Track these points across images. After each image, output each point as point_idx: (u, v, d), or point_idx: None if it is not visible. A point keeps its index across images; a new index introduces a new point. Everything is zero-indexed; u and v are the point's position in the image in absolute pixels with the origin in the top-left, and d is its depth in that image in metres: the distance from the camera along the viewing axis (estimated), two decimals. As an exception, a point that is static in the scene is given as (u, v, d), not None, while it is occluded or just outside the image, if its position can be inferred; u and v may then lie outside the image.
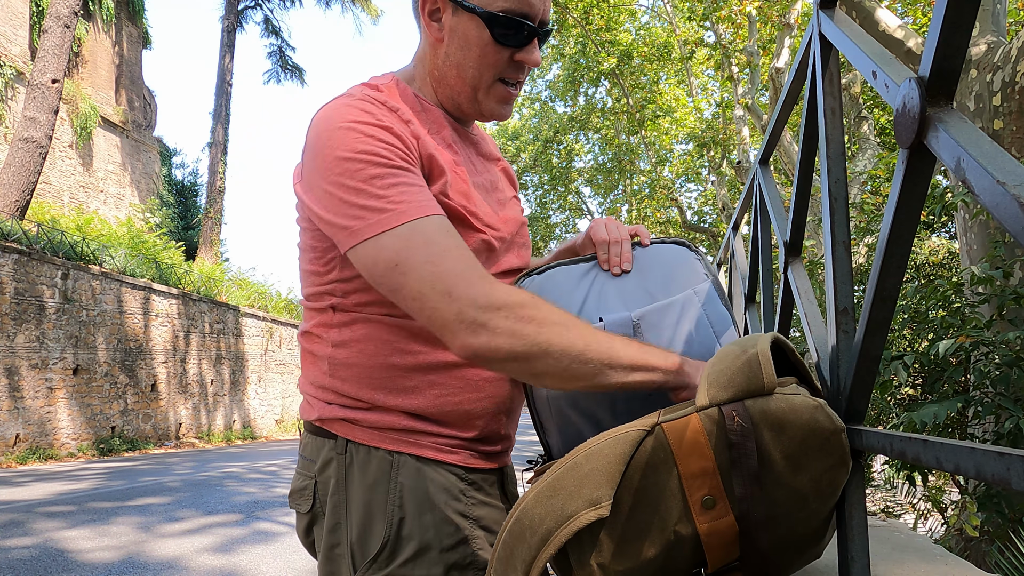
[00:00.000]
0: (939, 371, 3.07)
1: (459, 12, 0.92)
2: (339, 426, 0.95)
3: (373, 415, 0.93)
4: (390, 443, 0.93)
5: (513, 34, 0.92)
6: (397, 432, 0.93)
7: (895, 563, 1.44)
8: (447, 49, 0.95)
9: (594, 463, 0.77)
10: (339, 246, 0.87)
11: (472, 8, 0.91)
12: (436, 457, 0.93)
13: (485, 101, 0.98)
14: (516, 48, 0.94)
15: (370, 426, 0.93)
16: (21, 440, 9.74)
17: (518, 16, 0.91)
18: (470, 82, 0.96)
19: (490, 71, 0.95)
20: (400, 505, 0.91)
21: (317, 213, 0.87)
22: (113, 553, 4.24)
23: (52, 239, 10.71)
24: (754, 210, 2.07)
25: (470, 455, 0.97)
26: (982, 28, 3.91)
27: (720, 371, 0.79)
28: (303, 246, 0.97)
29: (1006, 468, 0.54)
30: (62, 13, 11.28)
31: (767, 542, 0.78)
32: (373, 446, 0.93)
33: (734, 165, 12.99)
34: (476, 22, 0.91)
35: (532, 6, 0.92)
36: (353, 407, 0.94)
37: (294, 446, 13.89)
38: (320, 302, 0.96)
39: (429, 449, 0.93)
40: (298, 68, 22.46)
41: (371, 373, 0.94)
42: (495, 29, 0.91)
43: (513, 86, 0.98)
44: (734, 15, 10.06)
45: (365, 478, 0.92)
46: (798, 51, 1.38)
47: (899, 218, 0.74)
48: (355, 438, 0.93)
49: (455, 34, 0.93)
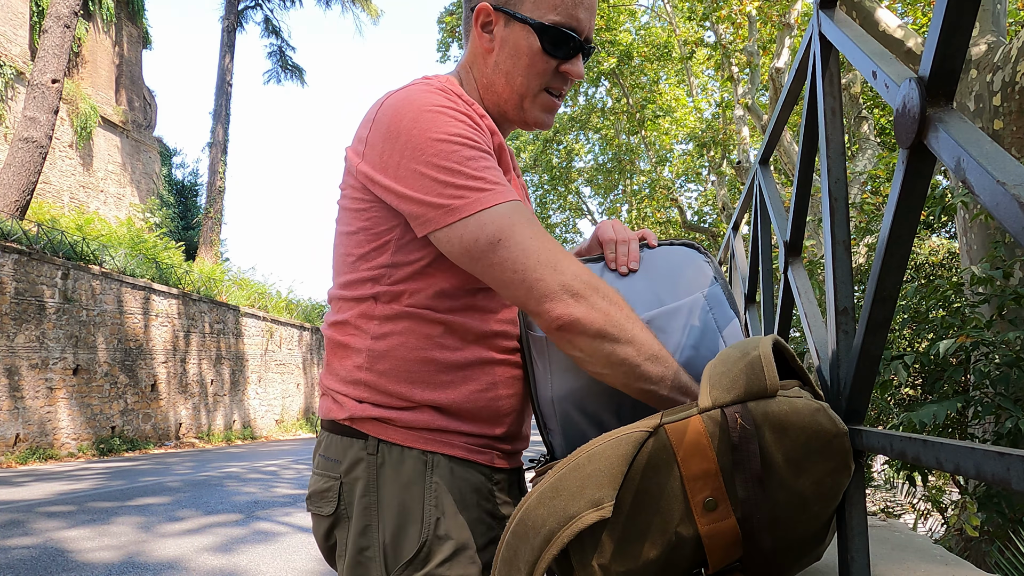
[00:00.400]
0: (939, 371, 3.07)
1: (511, 23, 0.97)
2: (371, 426, 0.93)
3: (407, 414, 0.93)
4: (423, 443, 0.92)
5: (561, 46, 0.97)
6: (431, 432, 0.93)
7: (895, 563, 1.44)
8: (496, 58, 0.99)
9: (596, 464, 0.77)
10: (424, 225, 0.87)
11: (524, 19, 0.96)
12: (467, 457, 0.94)
13: (531, 109, 1.01)
14: (563, 60, 0.98)
15: (404, 426, 0.93)
16: (21, 440, 9.74)
17: (567, 29, 0.96)
18: (518, 90, 0.99)
19: (537, 79, 0.99)
20: (436, 505, 0.91)
21: (400, 192, 0.87)
22: (113, 553, 4.24)
23: (52, 239, 10.72)
24: (754, 210, 2.07)
25: (496, 455, 0.98)
26: (982, 28, 3.91)
27: (722, 373, 0.79)
28: (351, 229, 0.96)
29: (1006, 468, 0.54)
30: (62, 13, 11.28)
31: (769, 544, 0.78)
32: (407, 446, 0.92)
33: (734, 165, 13.00)
34: (527, 32, 0.96)
35: (580, 21, 0.97)
36: (387, 406, 0.93)
37: (294, 446, 13.89)
38: (362, 290, 0.95)
39: (460, 449, 0.94)
40: (298, 68, 22.47)
41: (410, 367, 0.93)
42: (545, 39, 0.96)
43: (556, 97, 1.02)
44: (734, 15, 10.06)
45: (399, 478, 0.91)
46: (798, 51, 1.38)
47: (899, 218, 0.74)
48: (388, 438, 0.93)
49: (506, 44, 0.98)
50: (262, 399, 16.75)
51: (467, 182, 0.85)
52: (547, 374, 0.97)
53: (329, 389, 0.98)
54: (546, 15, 0.96)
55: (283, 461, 10.38)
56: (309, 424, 18.64)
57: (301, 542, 4.76)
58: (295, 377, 18.53)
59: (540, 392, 0.97)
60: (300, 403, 18.80)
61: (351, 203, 0.95)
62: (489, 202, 0.85)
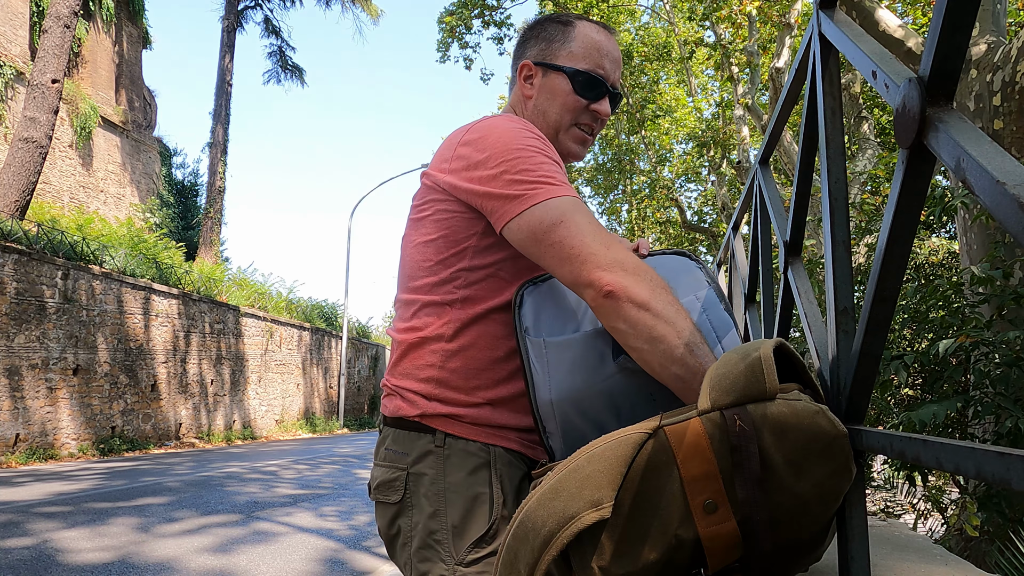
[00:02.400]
0: (939, 371, 3.07)
1: (548, 73, 1.17)
2: (440, 421, 1.04)
3: (473, 411, 1.04)
4: (485, 437, 1.04)
5: (589, 88, 1.15)
6: (491, 428, 1.04)
7: (895, 563, 1.44)
8: (536, 101, 1.18)
9: (596, 465, 0.77)
10: (501, 216, 0.99)
11: (560, 68, 1.16)
12: (520, 450, 1.06)
13: (564, 140, 1.18)
14: (591, 100, 1.16)
15: (469, 422, 1.04)
16: (22, 440, 9.74)
17: (594, 75, 1.15)
18: (553, 124, 1.17)
19: (569, 115, 1.16)
20: (502, 489, 1.02)
21: (484, 191, 1.00)
22: (110, 554, 4.24)
23: (52, 239, 10.71)
24: (754, 210, 2.07)
25: (542, 451, 1.07)
26: (982, 28, 3.91)
27: (723, 375, 0.79)
28: (430, 237, 1.08)
29: (1006, 468, 0.54)
30: (62, 13, 11.28)
31: (769, 546, 0.78)
32: (471, 439, 1.03)
33: (734, 165, 12.99)
34: (562, 78, 1.16)
35: (605, 70, 1.17)
36: (455, 403, 1.04)
37: (294, 446, 13.89)
38: (437, 294, 1.07)
39: (515, 443, 1.05)
40: (298, 68, 22.46)
41: (480, 366, 1.05)
42: (576, 83, 1.15)
43: (588, 133, 1.19)
44: (734, 15, 10.06)
45: (465, 467, 1.02)
46: (798, 51, 1.38)
47: (899, 218, 0.74)
48: (455, 432, 1.03)
49: (544, 89, 1.17)
50: (262, 399, 16.75)
51: (538, 179, 0.98)
52: (546, 377, 0.98)
53: (399, 388, 1.08)
54: (577, 64, 1.15)
55: (283, 461, 10.38)
56: (309, 424, 18.64)
57: (300, 542, 4.76)
58: (295, 377, 18.54)
59: (539, 395, 0.98)
60: (300, 403, 18.80)
61: (433, 214, 1.08)
62: (554, 194, 0.97)
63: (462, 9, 12.91)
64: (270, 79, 22.46)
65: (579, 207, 0.96)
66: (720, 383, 0.78)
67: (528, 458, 1.06)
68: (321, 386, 20.19)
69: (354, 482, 8.12)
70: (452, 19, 12.91)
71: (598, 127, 1.20)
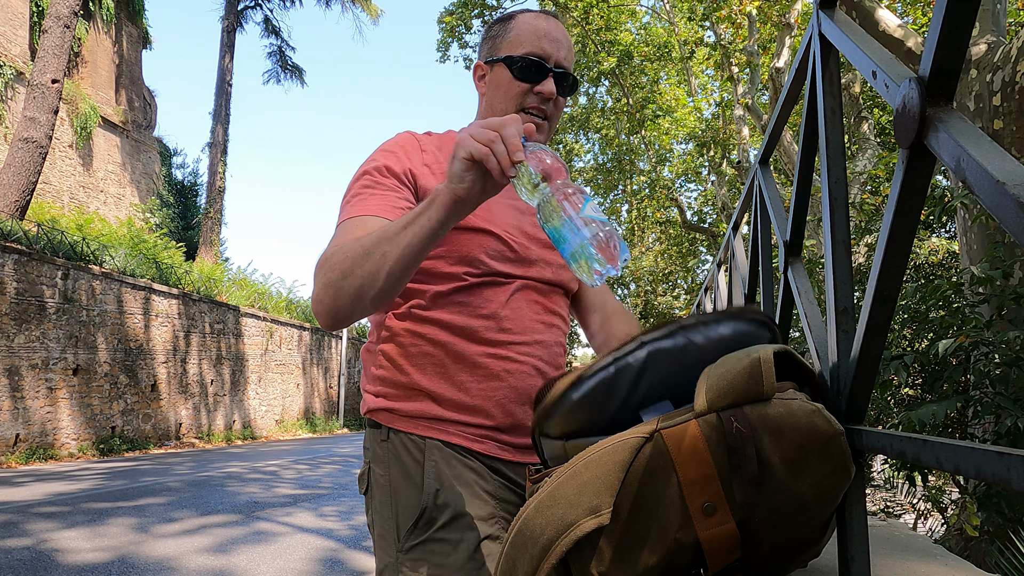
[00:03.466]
0: (939, 371, 3.07)
1: (494, 67, 1.18)
2: (383, 416, 1.10)
3: (409, 404, 1.08)
4: (423, 430, 1.07)
5: (529, 71, 1.15)
6: (428, 420, 1.07)
7: (895, 563, 1.44)
8: (488, 97, 1.20)
9: (593, 471, 0.77)
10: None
11: (499, 59, 1.17)
12: (463, 444, 1.07)
13: None
14: (534, 82, 1.15)
15: (406, 415, 1.08)
16: (22, 440, 9.74)
17: (533, 57, 1.15)
18: (499, 113, 1.16)
19: (513, 101, 1.16)
20: (436, 478, 1.04)
21: None
22: (110, 554, 4.24)
23: (52, 239, 10.71)
24: (754, 210, 2.07)
25: (495, 445, 1.08)
26: (982, 28, 3.91)
27: (720, 375, 0.79)
28: None
29: (1006, 468, 0.54)
30: (62, 13, 11.27)
31: (768, 546, 0.78)
32: (409, 432, 1.07)
33: (734, 165, 12.99)
34: (502, 67, 1.17)
35: (544, 50, 1.15)
36: (394, 397, 1.09)
37: (294, 446, 13.89)
38: None
39: (456, 437, 1.07)
40: (298, 68, 22.46)
41: (411, 362, 1.09)
42: (514, 68, 1.15)
43: (536, 115, 1.16)
44: (734, 15, 10.06)
45: (405, 459, 1.06)
46: (798, 51, 1.38)
47: (899, 218, 0.74)
48: (395, 426, 1.08)
49: (491, 84, 1.19)
50: (262, 399, 16.75)
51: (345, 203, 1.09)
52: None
53: (363, 390, 1.17)
54: (516, 51, 1.16)
55: (283, 461, 10.38)
56: (309, 424, 18.63)
57: (300, 542, 4.75)
58: (295, 377, 18.53)
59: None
60: (300, 403, 18.80)
61: None
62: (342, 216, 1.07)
63: (462, 9, 12.91)
64: (270, 79, 22.47)
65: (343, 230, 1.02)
66: (717, 384, 0.78)
67: (470, 451, 1.07)
68: (321, 386, 20.19)
69: (354, 482, 8.12)
70: (452, 19, 12.91)
71: (551, 109, 1.17)
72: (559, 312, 1.19)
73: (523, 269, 1.13)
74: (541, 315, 1.14)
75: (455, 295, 1.09)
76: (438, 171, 1.12)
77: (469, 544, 1.01)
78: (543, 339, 1.13)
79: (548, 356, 1.14)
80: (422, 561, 1.01)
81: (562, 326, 1.19)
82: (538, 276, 1.14)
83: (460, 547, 1.01)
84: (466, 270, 1.09)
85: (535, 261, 1.15)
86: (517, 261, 1.12)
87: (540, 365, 1.12)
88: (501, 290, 1.10)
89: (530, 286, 1.13)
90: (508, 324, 1.09)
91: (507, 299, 1.10)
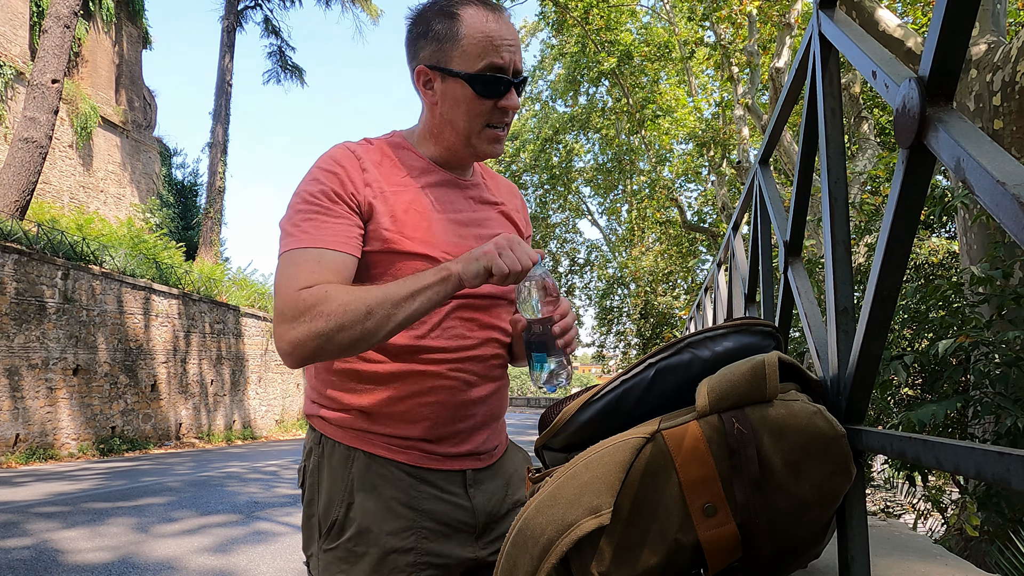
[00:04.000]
0: (939, 371, 3.07)
1: (447, 79, 1.10)
2: (317, 421, 1.15)
3: (337, 414, 1.12)
4: (349, 439, 1.11)
5: (491, 87, 1.09)
6: (354, 431, 1.11)
7: (895, 563, 1.44)
8: (441, 110, 1.13)
9: (594, 471, 0.77)
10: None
11: (456, 74, 1.09)
12: (386, 455, 1.09)
13: (478, 144, 1.14)
14: (497, 98, 1.10)
15: (335, 424, 1.12)
16: (22, 440, 9.74)
17: (493, 72, 1.09)
18: (463, 132, 1.12)
19: (478, 120, 1.11)
20: (350, 491, 1.08)
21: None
22: (110, 554, 4.24)
23: (52, 239, 10.71)
24: (754, 210, 2.07)
25: (421, 455, 1.10)
26: (982, 28, 3.90)
27: (723, 376, 0.79)
28: None
29: (1006, 468, 0.54)
30: (62, 13, 11.27)
31: (769, 547, 0.78)
32: (337, 440, 1.11)
33: (734, 165, 12.99)
34: (460, 84, 1.09)
35: (504, 60, 1.09)
36: (326, 406, 1.13)
37: (295, 446, 13.89)
38: None
39: (381, 448, 1.10)
40: (298, 68, 22.44)
41: (339, 376, 1.12)
42: (476, 86, 1.09)
43: (499, 128, 1.14)
44: (734, 15, 10.06)
45: (331, 465, 1.11)
46: (798, 51, 1.38)
47: (899, 218, 0.74)
48: (326, 432, 1.13)
49: (446, 97, 1.11)
50: (262, 399, 16.74)
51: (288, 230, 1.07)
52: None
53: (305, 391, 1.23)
54: (474, 65, 1.08)
55: (283, 461, 10.38)
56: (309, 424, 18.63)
57: (300, 542, 4.76)
58: (295, 377, 18.54)
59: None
60: (300, 403, 18.79)
61: None
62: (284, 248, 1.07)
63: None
64: (270, 79, 22.45)
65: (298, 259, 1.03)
66: (719, 385, 0.78)
67: (399, 463, 1.09)
68: (321, 386, 20.18)
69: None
70: (452, 19, 12.88)
71: (510, 118, 1.16)
72: (497, 325, 1.17)
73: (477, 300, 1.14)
74: (475, 331, 1.13)
75: None
76: (378, 190, 1.09)
77: (372, 557, 1.06)
78: (477, 354, 1.13)
79: (482, 369, 1.14)
80: (331, 565, 1.08)
81: (500, 337, 1.18)
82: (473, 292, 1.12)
83: (364, 559, 1.06)
84: None
85: None
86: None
87: (471, 379, 1.12)
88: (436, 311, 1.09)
89: (466, 304, 1.12)
90: (439, 343, 1.09)
91: (440, 319, 1.10)
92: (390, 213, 1.08)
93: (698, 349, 0.86)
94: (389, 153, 1.15)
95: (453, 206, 1.16)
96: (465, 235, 1.15)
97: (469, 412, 1.12)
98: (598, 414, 0.86)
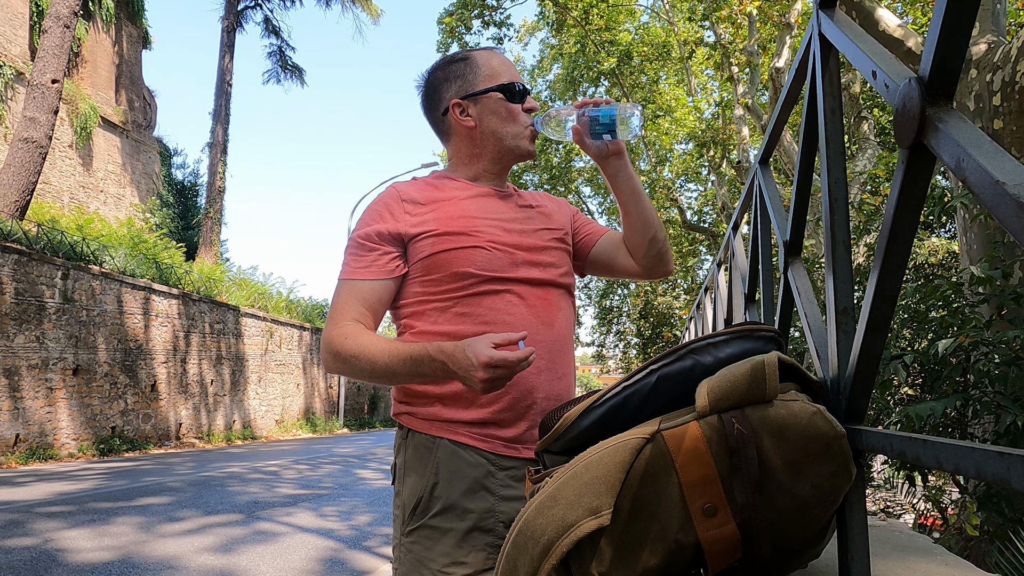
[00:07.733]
0: (939, 371, 3.07)
1: (479, 99, 1.30)
2: (403, 418, 1.25)
3: (423, 409, 1.22)
4: (435, 430, 1.20)
5: (516, 93, 1.31)
6: (440, 422, 1.20)
7: (895, 563, 1.44)
8: (482, 128, 1.31)
9: (594, 472, 0.77)
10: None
11: (487, 90, 1.29)
12: (469, 443, 1.18)
13: (522, 144, 1.32)
14: (523, 102, 1.32)
15: (421, 418, 1.22)
16: (21, 440, 9.73)
17: (515, 82, 1.31)
18: (506, 136, 1.30)
19: (516, 121, 1.30)
20: (435, 473, 1.18)
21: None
22: (112, 553, 4.24)
23: (52, 239, 10.71)
24: (754, 210, 2.07)
25: (501, 443, 1.18)
26: (982, 28, 3.90)
27: (723, 377, 0.79)
28: None
29: (1006, 468, 0.54)
30: (62, 13, 11.27)
31: (769, 547, 0.78)
32: (423, 432, 1.21)
33: (734, 165, 12.99)
34: (492, 96, 1.30)
35: (513, 76, 1.33)
36: (411, 403, 1.23)
37: (295, 446, 13.90)
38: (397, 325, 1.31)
39: (464, 436, 1.19)
40: (298, 68, 22.44)
41: None
42: (507, 93, 1.30)
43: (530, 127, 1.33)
44: (734, 15, 10.06)
45: (417, 455, 1.21)
46: (798, 51, 1.38)
47: (899, 218, 0.74)
48: (412, 427, 1.23)
49: (484, 113, 1.30)
50: (262, 399, 16.74)
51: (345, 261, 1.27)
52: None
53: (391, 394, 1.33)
54: (495, 81, 1.30)
55: (284, 461, 10.37)
56: (309, 424, 18.63)
57: (301, 542, 4.76)
58: (295, 377, 18.53)
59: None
60: (300, 403, 18.79)
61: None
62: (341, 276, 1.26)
63: (462, 9, 12.90)
64: (270, 79, 22.46)
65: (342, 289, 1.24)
66: (719, 385, 0.78)
67: (479, 450, 1.18)
68: (321, 386, 20.19)
69: (355, 482, 8.12)
70: (452, 19, 12.90)
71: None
72: (558, 308, 1.25)
73: (512, 274, 1.22)
74: (538, 315, 1.22)
75: (454, 308, 1.21)
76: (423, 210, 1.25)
77: (457, 533, 1.14)
78: (542, 338, 1.21)
79: (548, 354, 1.21)
80: (416, 543, 1.17)
81: (561, 321, 1.26)
82: (526, 277, 1.23)
83: (448, 535, 1.14)
84: (460, 285, 1.21)
85: (521, 265, 1.24)
86: (505, 268, 1.22)
87: (540, 364, 1.20)
88: (497, 298, 1.20)
89: (523, 290, 1.22)
90: (507, 328, 1.18)
91: (503, 305, 1.20)
92: (436, 219, 1.23)
93: (700, 355, 0.86)
94: (432, 182, 1.32)
95: (496, 208, 1.29)
96: (510, 229, 1.27)
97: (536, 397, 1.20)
98: (599, 420, 0.86)
